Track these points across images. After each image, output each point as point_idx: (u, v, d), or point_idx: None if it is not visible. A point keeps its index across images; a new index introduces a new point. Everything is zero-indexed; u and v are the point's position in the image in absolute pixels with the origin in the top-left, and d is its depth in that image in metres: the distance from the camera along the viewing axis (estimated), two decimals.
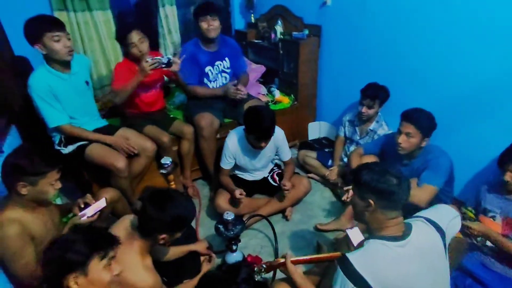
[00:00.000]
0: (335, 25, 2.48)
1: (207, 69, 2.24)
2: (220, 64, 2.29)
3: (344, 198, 1.61)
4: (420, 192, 1.57)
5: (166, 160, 1.67)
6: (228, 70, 2.34)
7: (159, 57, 1.82)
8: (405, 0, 1.94)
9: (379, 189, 0.99)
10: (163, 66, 1.83)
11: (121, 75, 1.93)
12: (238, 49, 2.40)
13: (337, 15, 2.43)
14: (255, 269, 1.38)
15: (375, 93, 2.07)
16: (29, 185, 1.19)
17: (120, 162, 1.78)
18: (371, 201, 1.01)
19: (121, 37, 1.89)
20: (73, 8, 2.37)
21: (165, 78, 2.25)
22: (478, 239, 1.49)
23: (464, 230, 1.41)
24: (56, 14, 2.31)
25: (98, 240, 0.96)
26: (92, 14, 2.45)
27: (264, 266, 1.36)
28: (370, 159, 1.88)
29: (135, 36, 1.85)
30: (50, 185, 1.24)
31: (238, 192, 1.89)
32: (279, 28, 2.77)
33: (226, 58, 2.30)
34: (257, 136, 1.78)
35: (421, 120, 1.61)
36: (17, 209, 1.21)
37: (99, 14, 2.48)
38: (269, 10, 2.99)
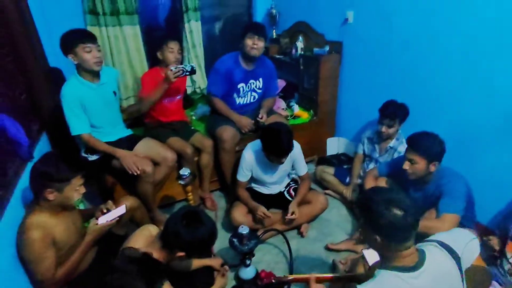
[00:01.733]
0: (356, 42, 2.48)
1: (240, 85, 2.28)
2: (253, 83, 2.33)
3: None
4: (440, 224, 1.48)
5: (185, 171, 1.70)
6: (259, 90, 2.39)
7: (182, 65, 1.92)
8: (429, 19, 1.93)
9: (382, 225, 0.94)
10: (187, 73, 1.93)
11: (148, 83, 2.06)
12: (273, 71, 2.44)
13: (359, 32, 2.44)
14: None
15: (394, 112, 2.03)
16: (56, 191, 1.24)
17: (148, 167, 1.85)
18: (377, 237, 0.97)
19: (162, 42, 2.05)
20: (105, 23, 2.51)
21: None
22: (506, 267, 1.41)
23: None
24: (89, 29, 2.46)
25: (155, 275, 0.99)
26: (122, 28, 2.59)
27: (273, 281, 1.36)
28: (384, 181, 1.84)
29: (176, 44, 2.06)
30: (75, 191, 1.29)
31: (261, 212, 1.91)
32: (300, 44, 2.80)
33: (260, 79, 2.34)
34: (277, 155, 1.79)
35: (424, 146, 1.54)
36: (43, 214, 1.26)
37: (128, 29, 2.61)
38: (291, 26, 3.04)
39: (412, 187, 1.73)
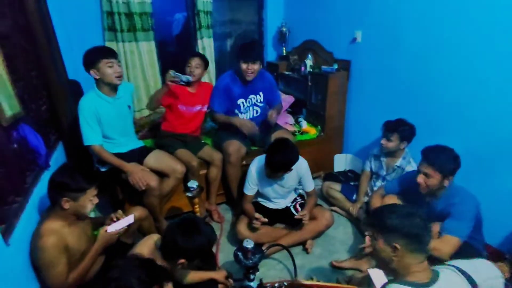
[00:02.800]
0: (364, 60, 2.53)
1: (240, 101, 2.34)
2: (254, 98, 2.37)
3: (364, 246, 1.56)
4: (441, 245, 1.47)
5: (193, 184, 1.75)
6: (260, 104, 2.42)
7: (180, 74, 2.10)
8: (435, 38, 1.97)
9: (409, 233, 0.97)
10: (182, 83, 2.12)
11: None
12: (273, 83, 2.47)
13: (367, 51, 2.49)
14: (276, 284, 1.39)
15: (394, 127, 2.05)
16: (71, 200, 1.31)
17: (153, 181, 1.90)
18: (398, 246, 0.97)
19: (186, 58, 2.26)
20: (122, 39, 2.64)
21: None
22: None
23: None
24: (107, 44, 2.60)
25: (159, 274, 1.01)
26: (138, 44, 2.72)
27: (285, 283, 1.36)
28: (392, 199, 1.83)
29: (194, 60, 2.23)
30: (89, 201, 1.36)
31: (257, 216, 1.94)
32: (309, 62, 2.87)
33: (260, 92, 2.38)
34: (272, 170, 1.84)
35: (439, 160, 1.54)
36: (57, 221, 1.32)
37: (144, 45, 2.73)
38: (300, 44, 3.12)
39: (422, 202, 1.72)
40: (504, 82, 1.69)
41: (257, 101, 2.40)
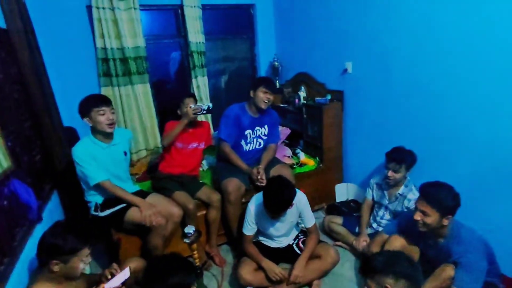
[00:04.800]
0: (357, 90, 2.56)
1: (247, 132, 2.37)
2: (259, 130, 2.42)
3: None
4: None
5: (190, 229, 1.69)
6: (264, 137, 2.46)
7: (200, 104, 2.16)
8: (425, 66, 1.99)
9: (396, 272, 0.99)
10: (204, 111, 2.17)
11: (169, 128, 2.26)
12: (277, 120, 2.54)
13: (358, 81, 2.52)
14: None
15: (401, 157, 2.02)
16: (61, 263, 1.25)
17: (163, 219, 1.87)
18: (389, 286, 0.98)
19: (180, 100, 2.28)
20: (118, 83, 2.69)
21: None
22: None
23: None
24: (103, 89, 2.64)
25: None
26: (133, 87, 2.76)
27: None
28: (399, 240, 1.76)
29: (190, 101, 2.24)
30: (81, 261, 1.30)
31: (279, 274, 1.86)
32: (302, 94, 2.91)
33: (266, 126, 2.43)
34: (271, 211, 1.81)
35: (438, 199, 1.49)
36: (46, 284, 1.25)
37: (139, 87, 2.78)
38: (293, 77, 3.18)
39: (424, 243, 1.65)
40: (499, 108, 1.68)
41: (261, 133, 2.43)
